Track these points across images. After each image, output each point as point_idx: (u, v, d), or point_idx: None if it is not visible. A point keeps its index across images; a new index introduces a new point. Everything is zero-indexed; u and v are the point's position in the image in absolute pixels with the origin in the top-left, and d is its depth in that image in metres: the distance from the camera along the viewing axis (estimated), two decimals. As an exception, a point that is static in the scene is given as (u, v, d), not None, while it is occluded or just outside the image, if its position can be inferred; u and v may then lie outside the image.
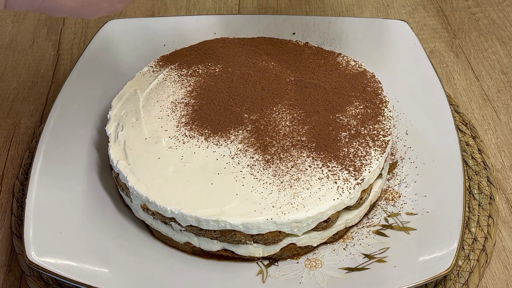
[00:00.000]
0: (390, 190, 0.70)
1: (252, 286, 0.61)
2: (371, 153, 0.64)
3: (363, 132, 0.66)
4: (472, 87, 0.89)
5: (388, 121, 0.68)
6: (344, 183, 0.61)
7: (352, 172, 0.62)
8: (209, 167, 0.63)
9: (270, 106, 0.69)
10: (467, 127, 0.80)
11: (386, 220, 0.66)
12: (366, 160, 0.63)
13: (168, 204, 0.60)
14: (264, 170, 0.63)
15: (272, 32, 0.86)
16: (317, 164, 0.63)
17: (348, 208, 0.63)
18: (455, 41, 0.97)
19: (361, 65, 0.75)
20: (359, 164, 0.63)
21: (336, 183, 0.61)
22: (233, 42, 0.80)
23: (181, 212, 0.60)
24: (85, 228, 0.64)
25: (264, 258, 0.64)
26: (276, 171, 0.63)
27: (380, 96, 0.71)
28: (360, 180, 0.62)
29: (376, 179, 0.66)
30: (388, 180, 0.71)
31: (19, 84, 0.90)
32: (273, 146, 0.65)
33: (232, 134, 0.66)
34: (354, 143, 0.65)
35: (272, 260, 0.64)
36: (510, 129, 0.82)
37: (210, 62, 0.76)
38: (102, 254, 0.62)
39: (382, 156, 0.64)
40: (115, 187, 0.71)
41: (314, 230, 0.62)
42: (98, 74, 0.81)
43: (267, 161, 0.63)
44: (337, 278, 0.61)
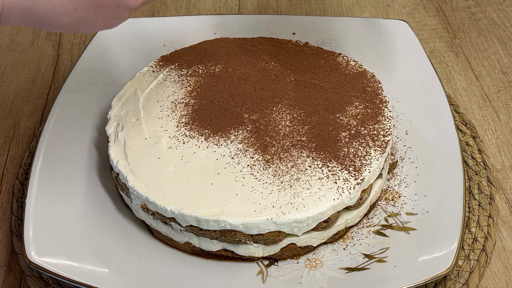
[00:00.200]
0: (390, 190, 0.70)
1: (252, 286, 0.61)
2: (371, 153, 0.64)
3: (363, 132, 0.66)
4: (472, 87, 0.88)
5: (388, 121, 0.68)
6: (344, 183, 0.61)
7: (352, 172, 0.62)
8: (209, 167, 0.63)
9: (270, 106, 0.69)
10: (467, 127, 0.80)
11: (386, 220, 0.66)
12: (366, 160, 0.63)
13: (168, 204, 0.60)
14: (264, 170, 0.63)
15: (272, 32, 0.86)
16: (317, 164, 0.63)
17: (348, 208, 0.63)
18: (455, 41, 0.97)
19: (361, 65, 0.75)
20: (359, 164, 0.63)
21: (336, 183, 0.61)
22: (233, 42, 0.80)
23: (181, 212, 0.60)
24: (85, 228, 0.64)
25: (264, 258, 0.64)
26: (276, 171, 0.63)
27: (380, 96, 0.71)
28: (360, 180, 0.62)
29: (376, 179, 0.66)
30: (388, 180, 0.71)
31: (19, 84, 0.90)
32: (273, 146, 0.65)
33: (232, 134, 0.66)
34: (354, 143, 0.65)
35: (272, 260, 0.64)
36: (510, 129, 0.82)
37: (210, 62, 0.76)
38: (102, 254, 0.62)
39: (382, 156, 0.64)
40: (115, 187, 0.71)
41: (314, 230, 0.62)
42: (98, 74, 0.81)
43: (267, 161, 0.63)
44: (337, 278, 0.61)
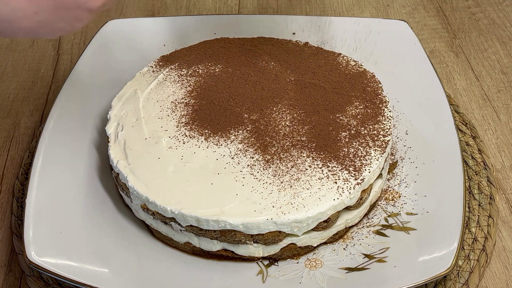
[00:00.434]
0: (390, 190, 0.70)
1: (252, 286, 0.61)
2: (371, 153, 0.64)
3: (363, 132, 0.66)
4: (472, 87, 0.88)
5: (388, 121, 0.68)
6: (344, 183, 0.61)
7: (352, 172, 0.62)
8: (209, 167, 0.63)
9: (270, 106, 0.69)
10: (467, 127, 0.80)
11: (386, 220, 0.66)
12: (366, 160, 0.63)
13: (168, 204, 0.60)
14: (264, 170, 0.63)
15: (272, 32, 0.86)
16: (317, 164, 0.63)
17: (348, 208, 0.63)
18: (455, 41, 0.97)
19: (361, 65, 0.75)
20: (359, 164, 0.63)
21: (336, 183, 0.61)
22: (233, 42, 0.80)
23: (181, 212, 0.60)
24: (85, 228, 0.64)
25: (264, 258, 0.64)
26: (276, 171, 0.63)
27: (380, 96, 0.71)
28: (360, 180, 0.62)
29: (376, 179, 0.66)
30: (388, 180, 0.71)
31: (19, 84, 0.90)
32: (273, 146, 0.65)
33: (232, 134, 0.66)
34: (354, 143, 0.65)
35: (272, 260, 0.64)
36: (510, 129, 0.82)
37: (210, 62, 0.76)
38: (102, 254, 0.62)
39: (382, 156, 0.64)
40: (115, 187, 0.71)
41: (314, 230, 0.62)
42: (98, 74, 0.81)
43: (267, 161, 0.63)
44: (337, 278, 0.61)
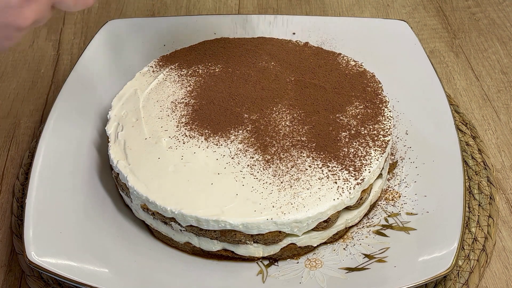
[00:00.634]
0: (390, 190, 0.70)
1: (252, 286, 0.61)
2: (371, 153, 0.64)
3: (363, 132, 0.66)
4: (472, 87, 0.88)
5: (388, 121, 0.68)
6: (344, 183, 0.61)
7: (352, 172, 0.62)
8: (209, 167, 0.63)
9: (270, 106, 0.69)
10: (467, 127, 0.80)
11: (386, 220, 0.66)
12: (366, 160, 0.63)
13: (168, 204, 0.60)
14: (264, 170, 0.63)
15: (272, 32, 0.86)
16: (317, 164, 0.63)
17: (348, 208, 0.63)
18: (455, 41, 0.97)
19: (361, 65, 0.75)
20: (359, 164, 0.63)
21: (336, 183, 0.61)
22: (233, 42, 0.80)
23: (181, 212, 0.59)
24: (85, 228, 0.64)
25: (264, 258, 0.64)
26: (276, 171, 0.63)
27: (380, 96, 0.71)
28: (360, 180, 0.62)
29: (376, 179, 0.66)
30: (388, 180, 0.71)
31: (19, 84, 0.90)
32: (273, 146, 0.65)
33: (232, 134, 0.66)
34: (354, 143, 0.65)
35: (272, 260, 0.64)
36: (510, 129, 0.82)
37: (210, 62, 0.76)
38: (102, 254, 0.62)
39: (382, 156, 0.64)
40: (115, 187, 0.71)
41: (314, 230, 0.62)
42: (98, 74, 0.81)
43: (267, 161, 0.63)
44: (337, 278, 0.61)
